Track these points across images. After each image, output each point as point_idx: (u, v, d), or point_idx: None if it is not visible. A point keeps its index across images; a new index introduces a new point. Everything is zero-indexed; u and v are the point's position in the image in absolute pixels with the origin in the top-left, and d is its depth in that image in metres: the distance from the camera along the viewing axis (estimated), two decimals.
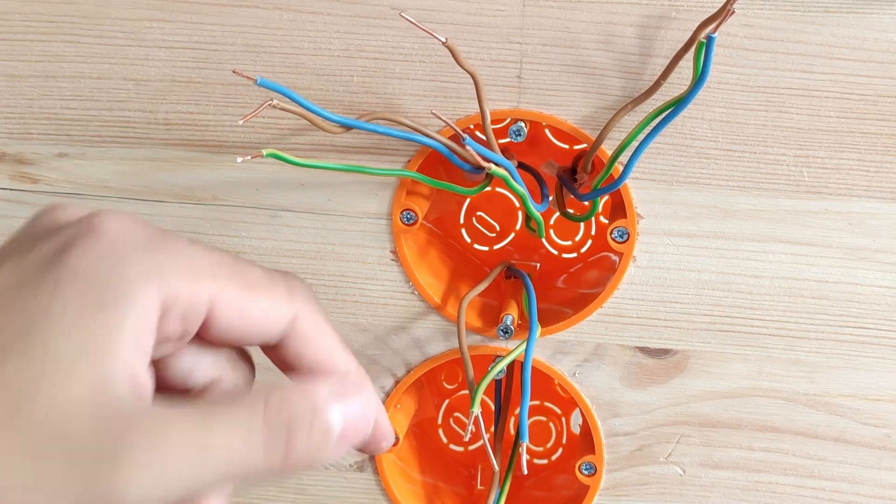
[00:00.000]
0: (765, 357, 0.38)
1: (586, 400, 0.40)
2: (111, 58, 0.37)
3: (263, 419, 0.24)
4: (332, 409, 0.25)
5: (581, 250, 0.44)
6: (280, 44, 0.36)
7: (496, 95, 0.36)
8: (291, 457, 0.24)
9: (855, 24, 0.33)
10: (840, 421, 0.39)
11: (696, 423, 0.40)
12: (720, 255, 0.37)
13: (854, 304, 0.37)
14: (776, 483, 0.40)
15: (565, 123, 0.36)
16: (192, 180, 0.38)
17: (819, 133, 0.35)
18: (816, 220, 0.36)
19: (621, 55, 0.34)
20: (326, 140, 0.37)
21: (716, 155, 0.36)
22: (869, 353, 0.38)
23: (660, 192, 0.36)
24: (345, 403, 0.26)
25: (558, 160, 0.39)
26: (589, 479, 0.41)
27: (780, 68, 0.34)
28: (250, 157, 0.29)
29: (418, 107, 0.36)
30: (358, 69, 0.36)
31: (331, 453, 0.25)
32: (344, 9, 0.35)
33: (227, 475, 0.23)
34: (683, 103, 0.32)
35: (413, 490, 0.44)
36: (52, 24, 0.36)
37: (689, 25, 0.33)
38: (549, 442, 0.48)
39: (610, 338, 0.39)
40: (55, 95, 0.37)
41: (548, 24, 0.34)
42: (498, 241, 0.45)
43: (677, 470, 0.41)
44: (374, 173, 0.35)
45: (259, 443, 0.24)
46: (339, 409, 0.25)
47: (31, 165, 0.39)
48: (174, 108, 0.37)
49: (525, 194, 0.34)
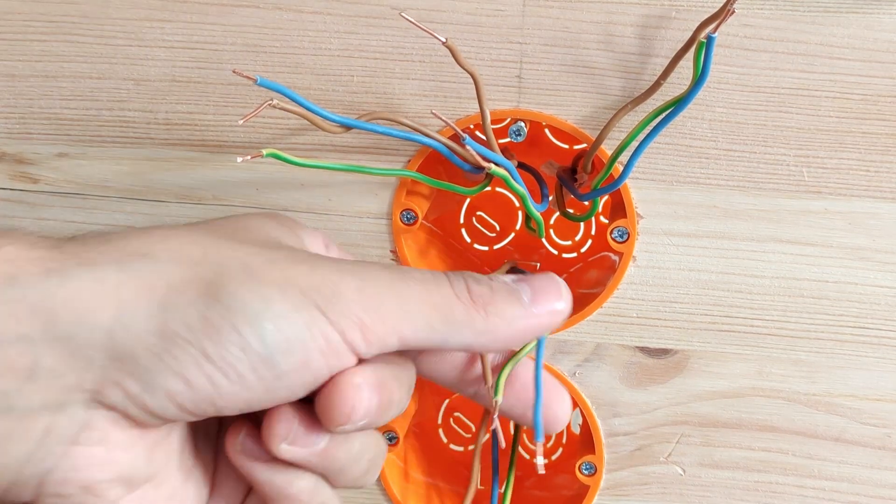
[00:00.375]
0: (765, 357, 0.38)
1: (586, 400, 0.40)
2: (111, 58, 0.37)
3: (447, 278, 0.28)
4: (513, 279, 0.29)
5: (581, 250, 0.44)
6: (280, 44, 0.36)
7: (496, 95, 0.36)
8: (477, 301, 0.27)
9: (855, 24, 0.33)
10: (840, 421, 0.39)
11: (696, 423, 0.40)
12: (720, 255, 0.37)
13: (854, 304, 0.37)
14: (776, 483, 0.40)
15: (565, 123, 0.36)
16: (192, 180, 0.38)
17: (819, 133, 0.35)
18: (816, 220, 0.36)
19: (621, 55, 0.34)
20: (326, 140, 0.37)
21: (716, 155, 0.36)
22: (869, 353, 0.38)
23: (660, 191, 0.36)
24: (528, 282, 0.29)
25: (558, 160, 0.39)
26: (589, 479, 0.41)
27: (780, 68, 0.34)
28: (250, 157, 0.29)
29: (418, 107, 0.36)
30: (358, 69, 0.36)
31: (522, 310, 0.28)
32: (344, 9, 0.35)
33: (426, 311, 0.26)
34: (683, 103, 0.32)
35: (413, 490, 0.44)
36: (52, 24, 0.36)
37: (689, 25, 0.33)
38: (549, 442, 0.48)
39: (610, 338, 0.39)
40: (55, 95, 0.37)
41: (548, 23, 0.34)
42: (498, 241, 0.45)
43: (677, 470, 0.41)
44: (374, 173, 0.35)
45: (447, 287, 0.27)
46: (523, 281, 0.29)
47: (31, 165, 0.39)
48: (174, 108, 0.37)
49: (525, 194, 0.34)
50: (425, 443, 0.47)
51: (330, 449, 0.27)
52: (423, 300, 0.27)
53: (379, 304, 0.26)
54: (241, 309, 0.24)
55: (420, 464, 0.45)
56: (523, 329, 0.28)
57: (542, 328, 0.28)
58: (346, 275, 0.26)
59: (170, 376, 0.24)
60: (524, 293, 0.28)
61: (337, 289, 0.26)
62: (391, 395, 0.27)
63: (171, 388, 0.24)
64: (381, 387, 0.26)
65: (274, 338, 0.24)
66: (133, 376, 0.24)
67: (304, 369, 0.25)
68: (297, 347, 0.25)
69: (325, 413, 0.26)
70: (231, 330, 0.24)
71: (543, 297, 0.28)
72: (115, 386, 0.24)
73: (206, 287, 0.25)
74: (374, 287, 0.26)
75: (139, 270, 0.25)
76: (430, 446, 0.48)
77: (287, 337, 0.25)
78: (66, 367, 0.24)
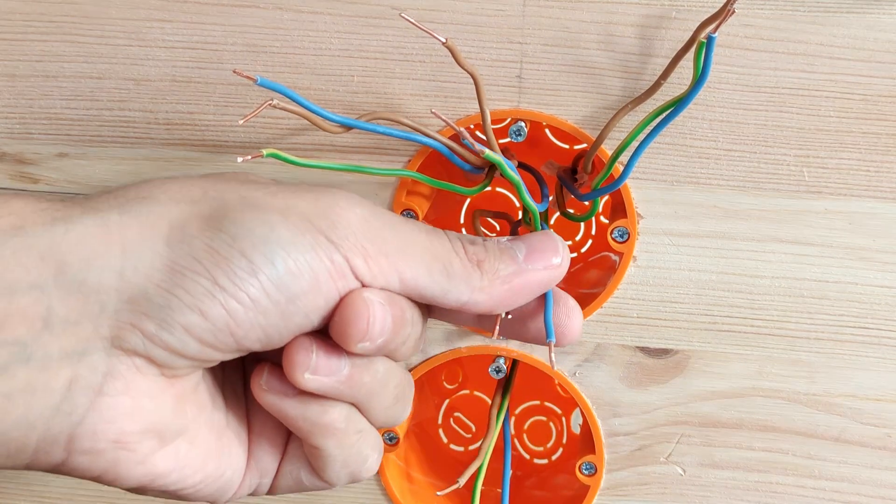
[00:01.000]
0: (765, 357, 0.38)
1: (586, 400, 0.40)
2: (111, 58, 0.37)
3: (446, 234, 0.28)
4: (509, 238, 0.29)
5: (581, 250, 0.44)
6: (280, 44, 0.36)
7: (496, 95, 0.36)
8: (472, 258, 0.28)
9: (855, 24, 0.33)
10: (840, 421, 0.39)
11: (697, 423, 0.40)
12: (720, 255, 0.37)
13: (854, 304, 0.37)
14: (776, 483, 0.40)
15: (565, 123, 0.36)
16: None
17: (819, 133, 0.35)
18: (817, 220, 0.36)
19: (621, 55, 0.34)
20: (326, 140, 0.37)
21: (716, 155, 0.36)
22: (869, 353, 0.38)
23: (660, 191, 0.36)
24: (524, 240, 0.29)
25: (558, 160, 0.39)
26: (589, 479, 0.41)
27: (780, 68, 0.34)
28: (250, 157, 0.29)
29: (418, 107, 0.36)
30: (358, 69, 0.36)
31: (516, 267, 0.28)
32: (344, 9, 0.35)
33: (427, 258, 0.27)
34: (683, 103, 0.32)
35: (413, 490, 0.44)
36: (52, 24, 0.36)
37: (690, 25, 0.33)
38: (550, 442, 0.49)
39: (610, 338, 0.39)
40: (55, 95, 0.37)
41: (548, 24, 0.34)
42: None
43: (677, 470, 0.41)
44: (374, 173, 0.35)
45: (447, 242, 0.28)
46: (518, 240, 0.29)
47: (32, 165, 0.39)
48: (174, 108, 0.37)
49: (519, 182, 0.34)
50: (425, 443, 0.47)
51: (354, 374, 0.27)
52: (425, 247, 0.27)
53: (383, 239, 0.26)
54: (246, 235, 0.25)
55: (420, 464, 0.45)
56: (520, 285, 0.28)
57: (539, 284, 0.29)
58: (353, 205, 0.27)
59: (185, 310, 0.24)
60: (519, 251, 0.29)
61: (342, 216, 0.26)
62: (403, 312, 0.27)
63: (188, 322, 0.24)
64: (393, 303, 0.27)
65: (282, 259, 0.25)
66: (148, 316, 0.24)
67: (315, 291, 0.25)
68: (304, 268, 0.25)
69: (342, 331, 0.26)
70: (239, 256, 0.24)
71: (539, 253, 0.29)
72: (133, 329, 0.24)
73: (208, 220, 0.25)
74: (379, 221, 0.27)
75: (140, 212, 0.25)
76: (430, 446, 0.48)
77: (295, 258, 0.25)
78: (80, 313, 0.24)
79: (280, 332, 0.26)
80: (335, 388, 0.27)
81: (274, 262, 0.25)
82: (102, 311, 0.24)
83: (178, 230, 0.25)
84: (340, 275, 0.26)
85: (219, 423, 0.28)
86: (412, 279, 0.27)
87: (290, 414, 0.27)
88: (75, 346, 0.24)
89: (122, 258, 0.24)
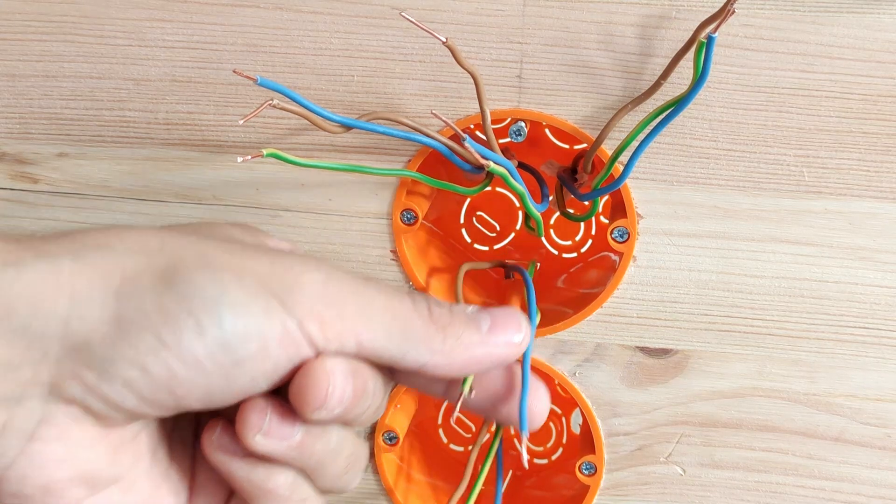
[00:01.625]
0: (765, 357, 0.38)
1: (586, 400, 0.40)
2: (111, 58, 0.37)
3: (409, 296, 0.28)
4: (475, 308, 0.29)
5: (581, 250, 0.44)
6: (280, 43, 0.36)
7: (496, 95, 0.36)
8: (436, 321, 0.27)
9: (855, 24, 0.33)
10: (840, 421, 0.39)
11: (697, 423, 0.40)
12: (720, 255, 0.37)
13: (854, 304, 0.37)
14: (776, 483, 0.40)
15: (565, 123, 0.36)
16: (192, 180, 0.38)
17: (819, 133, 0.35)
18: (816, 220, 0.36)
19: (621, 55, 0.34)
20: (327, 140, 0.37)
21: (716, 155, 0.36)
22: (869, 353, 0.38)
23: (660, 191, 0.36)
24: (490, 312, 0.29)
25: (558, 160, 0.39)
26: (589, 478, 0.41)
27: (780, 68, 0.34)
28: (250, 156, 0.29)
29: (418, 107, 0.36)
30: (358, 69, 0.36)
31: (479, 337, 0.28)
32: (344, 8, 0.35)
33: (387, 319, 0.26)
34: (683, 103, 0.32)
35: (413, 490, 0.44)
36: (52, 24, 0.36)
37: (690, 25, 0.33)
38: (550, 442, 0.49)
39: (610, 338, 0.39)
40: (55, 95, 0.37)
41: (548, 23, 0.34)
42: (498, 240, 0.45)
43: (677, 470, 0.41)
44: (374, 173, 0.35)
45: (408, 302, 0.27)
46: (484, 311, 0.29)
47: (32, 165, 0.39)
48: (174, 108, 0.37)
49: (524, 192, 0.34)
50: (425, 443, 0.47)
51: (306, 441, 0.26)
52: (385, 308, 0.27)
53: (340, 302, 0.26)
54: (196, 294, 0.24)
55: (420, 464, 0.45)
56: (479, 356, 0.28)
57: (498, 358, 0.28)
58: (310, 269, 0.26)
59: (126, 364, 0.24)
60: (483, 322, 0.28)
61: (298, 280, 0.25)
62: (365, 384, 0.27)
63: (129, 376, 0.24)
64: (356, 374, 0.26)
65: (230, 323, 0.24)
66: (89, 366, 0.24)
67: (263, 357, 0.25)
68: (253, 333, 0.24)
69: (299, 398, 0.25)
70: (187, 316, 0.24)
71: (502, 328, 0.28)
72: (73, 378, 0.24)
73: (162, 274, 0.24)
74: (337, 285, 0.26)
75: (94, 260, 0.24)
76: (430, 446, 0.48)
77: (244, 323, 0.24)
78: (21, 359, 0.23)
79: (224, 393, 0.25)
80: (285, 454, 0.26)
81: (222, 325, 0.24)
82: (44, 358, 0.24)
83: (129, 282, 0.24)
84: (292, 342, 0.25)
85: (158, 473, 0.28)
86: (369, 341, 0.26)
87: (236, 475, 0.27)
88: (13, 391, 0.24)
89: (69, 307, 0.24)
